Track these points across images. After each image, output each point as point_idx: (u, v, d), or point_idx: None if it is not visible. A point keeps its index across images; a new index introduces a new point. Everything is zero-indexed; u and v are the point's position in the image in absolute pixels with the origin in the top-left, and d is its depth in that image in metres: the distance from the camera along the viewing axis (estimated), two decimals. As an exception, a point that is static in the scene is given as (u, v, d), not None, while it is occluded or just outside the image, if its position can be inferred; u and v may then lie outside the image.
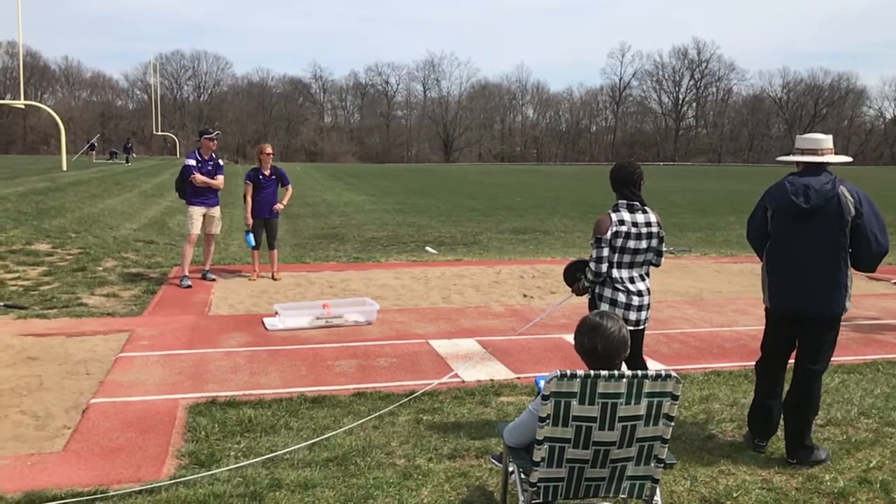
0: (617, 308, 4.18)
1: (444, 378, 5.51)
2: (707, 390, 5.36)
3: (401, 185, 35.96)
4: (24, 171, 31.47)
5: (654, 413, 2.82)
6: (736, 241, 15.05)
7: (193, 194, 9.14)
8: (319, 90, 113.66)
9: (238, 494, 3.58)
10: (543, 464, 2.85)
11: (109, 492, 3.60)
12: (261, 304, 8.10)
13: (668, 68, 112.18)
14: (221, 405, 4.84)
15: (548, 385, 2.73)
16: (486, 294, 8.99)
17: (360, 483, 3.75)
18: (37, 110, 63.20)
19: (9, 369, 5.61)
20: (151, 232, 14.89)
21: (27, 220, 13.50)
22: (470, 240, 14.88)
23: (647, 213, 4.26)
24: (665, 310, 8.06)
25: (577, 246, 13.98)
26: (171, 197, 21.54)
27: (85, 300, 8.05)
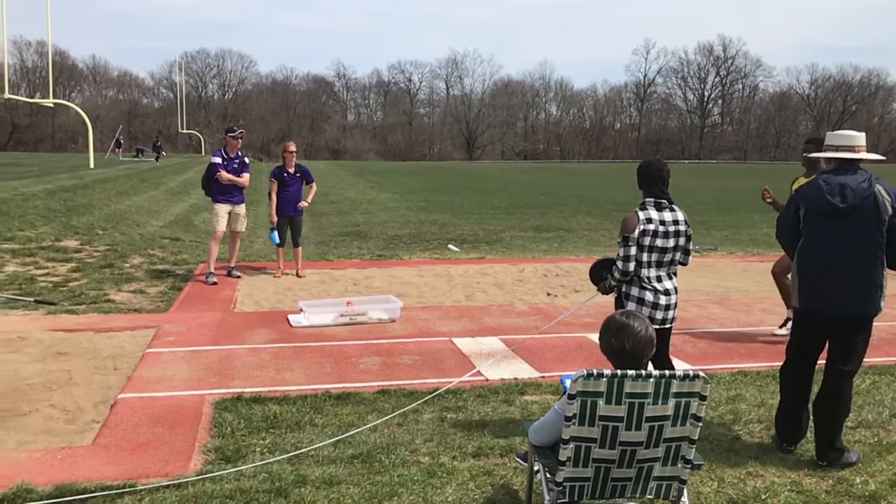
0: (644, 307, 4.14)
1: (467, 376, 5.50)
2: (734, 390, 5.30)
3: (423, 183, 35.99)
4: (53, 168, 31.96)
5: (682, 413, 2.79)
6: (762, 240, 14.87)
7: (219, 192, 9.22)
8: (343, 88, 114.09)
9: (264, 490, 3.61)
10: (569, 463, 2.83)
11: (138, 486, 3.64)
12: (285, 301, 8.15)
13: (694, 65, 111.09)
14: (247, 401, 4.88)
15: (574, 384, 2.72)
16: (509, 292, 8.96)
17: (384, 480, 3.76)
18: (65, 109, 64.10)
19: (39, 364, 5.70)
20: (177, 229, 15.04)
21: (56, 218, 13.70)
22: (493, 238, 14.85)
23: (674, 211, 4.21)
24: (691, 309, 7.98)
25: (602, 244, 13.89)
26: (196, 194, 21.74)
27: (112, 296, 8.16)
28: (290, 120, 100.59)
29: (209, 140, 79.58)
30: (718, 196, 29.40)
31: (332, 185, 31.93)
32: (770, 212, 7.13)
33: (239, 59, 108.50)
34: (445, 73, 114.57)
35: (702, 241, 13.76)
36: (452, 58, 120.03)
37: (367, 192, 28.56)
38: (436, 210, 21.34)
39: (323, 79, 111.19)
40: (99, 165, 34.90)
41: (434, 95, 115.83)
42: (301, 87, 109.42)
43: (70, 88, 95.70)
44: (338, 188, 30.29)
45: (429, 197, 26.80)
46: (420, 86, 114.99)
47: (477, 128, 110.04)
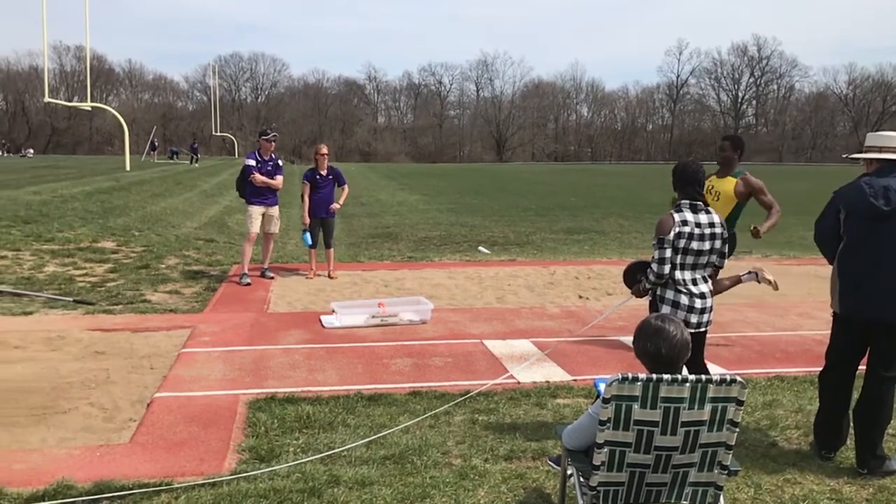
0: (679, 310, 4.10)
1: (499, 379, 5.49)
2: (770, 396, 5.21)
3: (453, 185, 36.01)
4: (91, 170, 32.58)
5: (718, 418, 2.75)
6: (798, 243, 14.62)
7: (253, 194, 9.32)
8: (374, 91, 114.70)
9: (297, 490, 3.63)
10: (603, 468, 2.81)
11: (174, 484, 3.69)
12: (318, 302, 8.21)
13: (727, 65, 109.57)
14: (280, 401, 4.92)
15: (609, 388, 2.70)
16: (540, 295, 8.93)
17: (416, 482, 3.77)
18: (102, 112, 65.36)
19: (78, 363, 5.81)
20: (212, 230, 15.24)
21: (94, 219, 13.96)
22: (523, 240, 14.80)
23: (710, 213, 4.16)
24: (726, 313, 7.87)
25: (634, 247, 13.77)
26: (230, 196, 22.01)
27: (148, 297, 8.29)
28: (322, 122, 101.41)
29: (242, 143, 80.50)
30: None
31: (362, 187, 32.09)
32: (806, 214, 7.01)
33: (271, 62, 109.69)
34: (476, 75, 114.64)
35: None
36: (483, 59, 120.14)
37: (397, 194, 28.65)
38: (466, 212, 21.33)
39: (354, 81, 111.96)
40: (134, 168, 35.51)
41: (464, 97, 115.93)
42: (332, 90, 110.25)
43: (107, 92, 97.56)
44: (369, 190, 30.44)
45: (459, 199, 26.81)
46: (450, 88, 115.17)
47: (507, 129, 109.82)
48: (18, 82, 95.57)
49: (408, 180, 39.80)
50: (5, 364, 5.70)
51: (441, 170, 59.38)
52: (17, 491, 3.57)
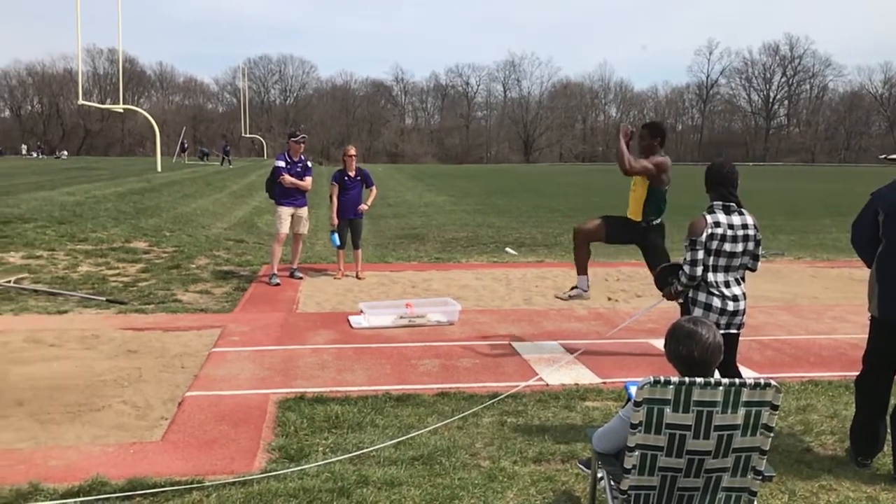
0: (711, 313, 4.04)
1: (529, 381, 5.47)
2: (804, 400, 5.12)
3: (480, 186, 35.98)
4: (123, 172, 33.09)
5: (753, 423, 2.71)
6: (832, 245, 14.37)
7: (282, 195, 9.39)
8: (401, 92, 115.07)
9: (327, 490, 3.65)
10: (634, 471, 2.78)
11: (205, 482, 3.73)
12: (346, 303, 8.25)
13: (759, 65, 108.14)
14: (309, 401, 4.95)
15: (640, 391, 2.67)
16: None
17: (445, 483, 3.76)
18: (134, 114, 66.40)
19: (111, 361, 5.90)
20: (241, 231, 15.40)
21: (126, 219, 14.17)
22: (551, 241, 14.73)
23: (743, 214, 4.10)
24: (758, 315, 7.76)
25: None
26: (259, 197, 22.23)
27: (180, 296, 8.39)
28: (350, 124, 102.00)
29: (271, 144, 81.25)
30: (785, 199, 28.54)
31: (390, 188, 32.20)
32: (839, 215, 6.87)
33: (300, 64, 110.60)
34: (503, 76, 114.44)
35: (768, 245, 13.36)
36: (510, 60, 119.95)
37: (424, 195, 28.69)
38: (493, 213, 21.29)
39: (381, 83, 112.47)
40: (165, 169, 36.00)
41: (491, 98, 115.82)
42: (360, 92, 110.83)
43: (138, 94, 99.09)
44: (396, 191, 30.53)
45: (486, 200, 26.77)
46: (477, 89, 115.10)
47: (534, 130, 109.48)
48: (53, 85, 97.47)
49: (434, 181, 39.84)
50: (41, 362, 5.81)
51: (468, 171, 59.37)
52: (54, 487, 3.64)
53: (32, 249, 10.63)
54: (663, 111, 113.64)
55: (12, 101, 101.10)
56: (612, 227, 6.05)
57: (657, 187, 5.83)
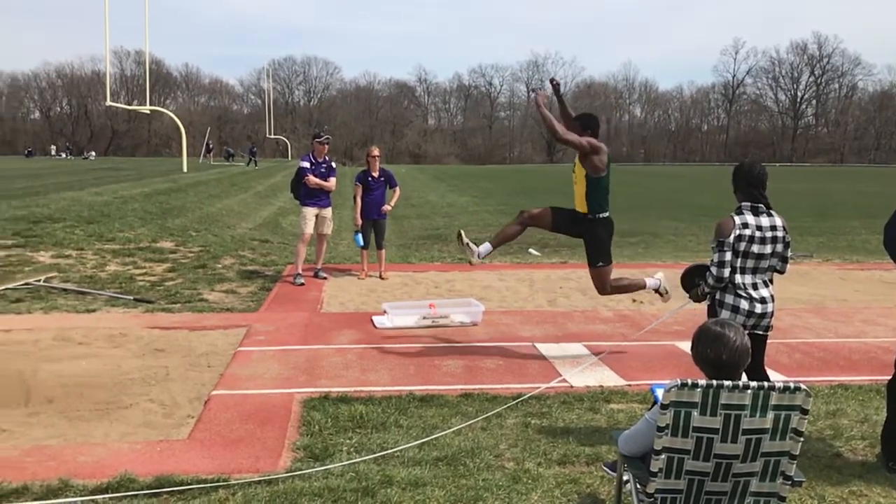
0: (738, 315, 4.00)
1: (552, 382, 5.44)
2: (834, 405, 5.05)
3: (503, 187, 35.91)
4: (149, 172, 33.50)
5: (782, 427, 2.67)
6: (862, 247, 14.15)
7: (307, 195, 9.45)
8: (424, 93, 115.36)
9: (351, 489, 3.66)
10: (661, 475, 2.75)
11: (231, 480, 3.76)
12: (369, 303, 8.28)
13: (786, 64, 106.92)
14: (334, 401, 4.97)
15: (667, 394, 2.64)
16: (593, 298, 8.78)
17: (469, 484, 3.76)
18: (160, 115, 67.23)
19: (138, 360, 5.97)
20: (266, 231, 15.51)
21: (153, 220, 14.34)
22: (574, 242, 14.55)
23: (772, 216, 4.05)
24: (786, 318, 7.66)
25: (689, 250, 13.52)
26: (283, 198, 22.39)
27: (206, 296, 8.47)
28: (373, 125, 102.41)
29: (295, 145, 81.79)
30: (813, 200, 28.17)
31: (413, 188, 32.25)
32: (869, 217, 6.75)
33: (324, 65, 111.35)
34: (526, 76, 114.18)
35: (795, 247, 13.18)
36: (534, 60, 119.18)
37: (447, 196, 28.71)
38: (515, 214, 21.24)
39: (405, 84, 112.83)
40: (191, 169, 36.37)
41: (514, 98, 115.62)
42: (384, 93, 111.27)
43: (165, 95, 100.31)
44: (419, 192, 30.57)
45: (509, 200, 26.71)
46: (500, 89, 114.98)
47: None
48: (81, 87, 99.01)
49: (457, 182, 39.84)
50: (70, 360, 5.89)
51: (490, 171, 59.29)
52: (83, 483, 3.69)
53: (62, 249, 10.79)
54: (688, 111, 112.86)
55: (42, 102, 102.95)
56: (559, 216, 6.02)
57: (595, 176, 5.74)
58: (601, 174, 5.72)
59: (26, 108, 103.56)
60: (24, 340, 6.41)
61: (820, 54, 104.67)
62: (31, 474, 3.78)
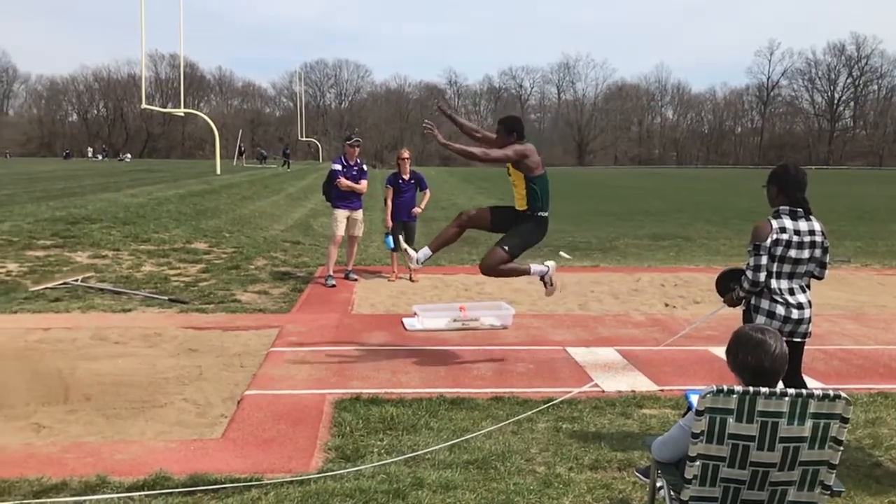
0: (774, 321, 3.93)
1: (584, 387, 5.41)
2: (873, 413, 4.94)
3: (534, 189, 35.68)
4: (183, 174, 33.98)
5: (821, 435, 2.62)
6: (901, 252, 13.85)
7: (338, 198, 9.51)
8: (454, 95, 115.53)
9: (382, 491, 3.67)
10: (695, 482, 2.72)
11: (263, 480, 3.79)
12: (399, 305, 8.30)
13: (823, 66, 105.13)
14: (365, 402, 4.99)
15: (702, 400, 2.61)
16: (624, 302, 8.75)
17: (500, 488, 3.75)
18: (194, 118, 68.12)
19: (173, 359, 6.05)
20: (298, 233, 15.63)
21: (187, 221, 14.54)
22: (606, 245, 14.56)
23: (810, 220, 3.97)
24: (822, 324, 7.51)
25: (722, 253, 13.34)
26: (315, 199, 22.54)
27: (238, 296, 8.56)
28: (403, 127, 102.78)
29: (326, 147, 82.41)
30: (851, 204, 27.62)
31: (442, 191, 32.27)
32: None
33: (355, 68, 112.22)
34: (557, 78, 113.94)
35: (833, 251, 12.90)
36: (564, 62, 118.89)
37: (475, 198, 28.66)
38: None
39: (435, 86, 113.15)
40: (225, 171, 36.82)
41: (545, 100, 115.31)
42: (414, 95, 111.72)
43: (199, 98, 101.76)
44: (448, 194, 30.58)
45: (540, 203, 26.56)
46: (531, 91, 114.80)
47: (589, 133, 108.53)
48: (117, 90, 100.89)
49: (486, 184, 39.77)
50: (107, 358, 6.00)
51: (521, 174, 58.99)
52: (120, 480, 3.75)
53: (98, 249, 10.99)
54: (721, 113, 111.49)
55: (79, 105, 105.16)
56: (498, 216, 6.00)
57: (531, 175, 5.69)
58: (538, 173, 5.72)
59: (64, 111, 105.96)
60: (63, 339, 6.54)
61: (858, 55, 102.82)
62: (70, 470, 3.85)
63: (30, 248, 10.85)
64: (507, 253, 5.78)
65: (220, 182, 27.07)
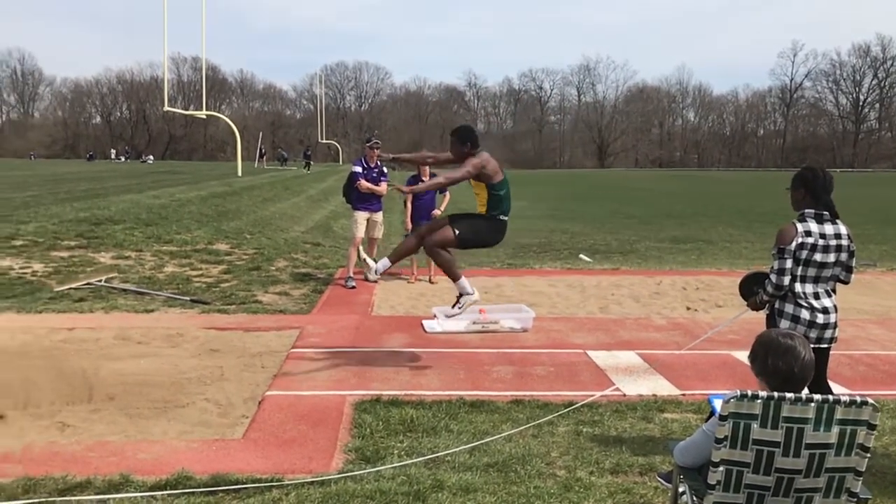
0: (799, 326, 3.88)
1: (605, 391, 5.37)
2: (899, 419, 4.87)
3: (553, 191, 35.68)
4: (205, 176, 34.27)
5: (847, 442, 2.59)
6: (928, 256, 13.63)
7: (359, 200, 9.55)
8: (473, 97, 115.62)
9: (402, 493, 3.67)
10: (719, 487, 2.69)
11: (284, 480, 3.81)
12: (419, 307, 8.31)
13: (848, 67, 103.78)
14: (385, 404, 5.00)
15: (726, 405, 2.59)
16: (646, 305, 8.69)
17: (520, 491, 3.74)
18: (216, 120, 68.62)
19: (195, 359, 6.10)
20: (318, 234, 15.71)
21: (209, 222, 14.66)
22: (626, 248, 14.48)
23: (836, 224, 3.92)
24: (848, 329, 7.40)
25: (744, 257, 13.22)
26: (335, 201, 22.64)
27: (260, 297, 8.61)
28: (423, 129, 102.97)
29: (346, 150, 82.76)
30: (877, 207, 27.27)
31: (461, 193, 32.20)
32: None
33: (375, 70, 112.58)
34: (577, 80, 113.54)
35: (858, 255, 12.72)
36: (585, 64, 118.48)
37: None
38: (566, 219, 21.10)
39: (454, 88, 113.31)
40: (246, 173, 37.07)
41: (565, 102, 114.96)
42: (433, 97, 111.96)
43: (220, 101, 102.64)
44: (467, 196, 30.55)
45: (558, 205, 26.54)
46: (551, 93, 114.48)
47: (609, 135, 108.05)
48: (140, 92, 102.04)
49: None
50: (130, 358, 6.06)
51: (540, 176, 58.98)
52: (143, 479, 3.78)
53: (121, 250, 11.11)
54: (744, 115, 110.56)
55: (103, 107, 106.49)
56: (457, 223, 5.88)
57: (493, 182, 5.69)
58: (498, 179, 5.72)
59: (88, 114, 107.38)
60: (87, 339, 6.62)
61: (884, 56, 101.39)
62: (94, 469, 3.90)
63: (54, 249, 10.99)
64: (454, 236, 5.72)
65: (242, 184, 27.26)
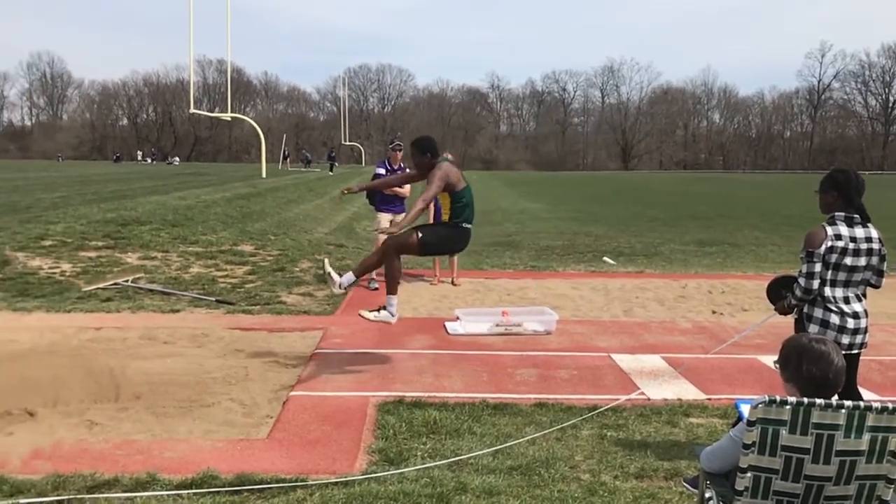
0: (829, 330, 3.83)
1: (630, 395, 5.34)
2: (931, 427, 4.77)
3: (576, 193, 35.54)
4: (230, 177, 34.58)
5: (879, 449, 2.54)
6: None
7: (382, 202, 9.58)
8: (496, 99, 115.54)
9: (426, 495, 3.67)
10: (747, 494, 2.66)
11: (308, 481, 3.83)
12: (442, 309, 8.31)
13: (877, 68, 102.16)
14: (408, 405, 5.00)
15: (754, 410, 2.56)
16: (671, 309, 8.62)
17: (544, 495, 3.72)
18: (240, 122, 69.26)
19: (220, 359, 6.16)
20: (341, 236, 15.78)
21: (234, 223, 14.78)
22: (651, 251, 14.37)
23: (867, 227, 3.86)
24: (878, 334, 7.27)
25: (771, 260, 13.06)
26: (357, 203, 22.72)
27: (284, 298, 8.67)
28: (445, 131, 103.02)
29: (369, 152, 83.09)
30: (905, 210, 26.79)
31: (484, 195, 32.25)
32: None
33: (398, 72, 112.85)
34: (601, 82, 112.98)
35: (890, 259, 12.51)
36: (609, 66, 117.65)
37: (518, 202, 28.61)
38: (589, 221, 20.98)
39: (477, 90, 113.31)
40: (270, 175, 37.36)
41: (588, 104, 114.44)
42: (456, 99, 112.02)
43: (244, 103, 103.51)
44: (490, 198, 30.55)
45: (582, 207, 26.42)
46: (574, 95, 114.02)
47: (633, 137, 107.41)
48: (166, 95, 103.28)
49: (529, 188, 39.67)
50: (156, 358, 6.13)
51: (563, 178, 58.78)
52: (169, 478, 3.82)
53: (148, 251, 11.24)
54: (770, 117, 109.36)
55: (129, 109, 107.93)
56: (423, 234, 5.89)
57: (456, 191, 5.80)
58: (461, 187, 5.82)
59: (115, 116, 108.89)
60: (114, 338, 6.71)
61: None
62: (122, 467, 3.94)
63: (82, 249, 11.15)
64: (417, 240, 5.73)
65: (266, 185, 27.47)
